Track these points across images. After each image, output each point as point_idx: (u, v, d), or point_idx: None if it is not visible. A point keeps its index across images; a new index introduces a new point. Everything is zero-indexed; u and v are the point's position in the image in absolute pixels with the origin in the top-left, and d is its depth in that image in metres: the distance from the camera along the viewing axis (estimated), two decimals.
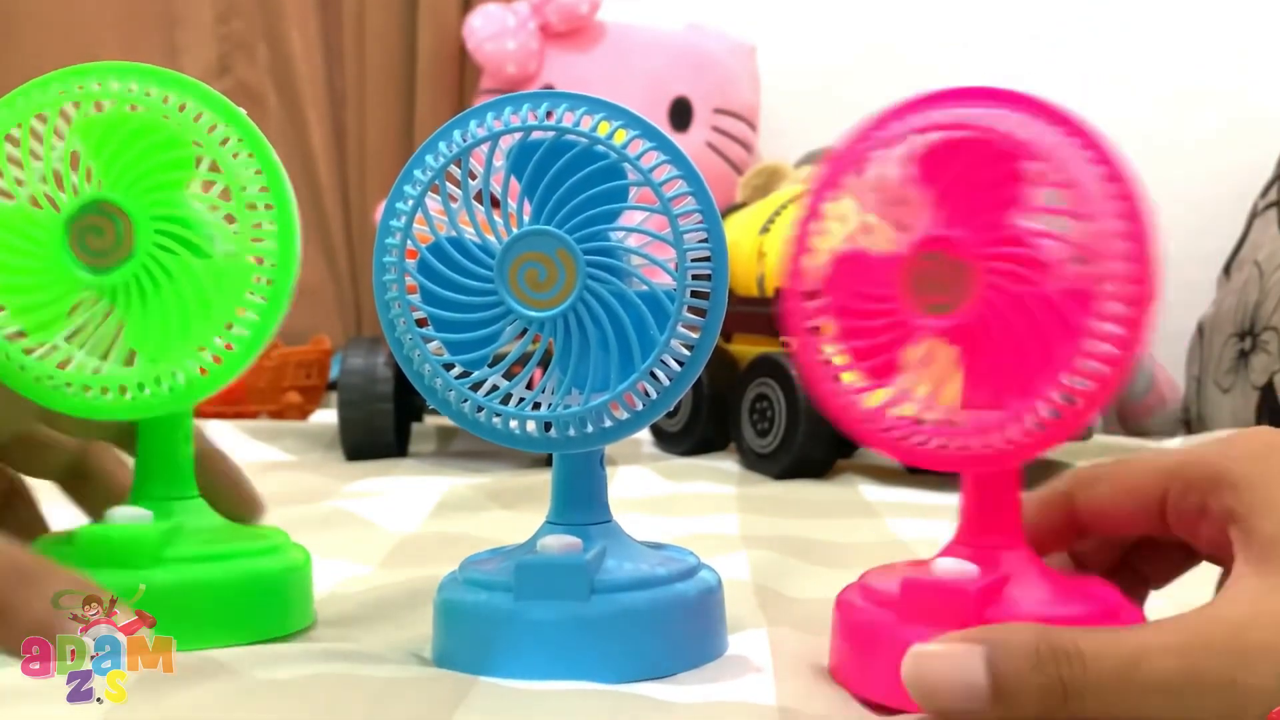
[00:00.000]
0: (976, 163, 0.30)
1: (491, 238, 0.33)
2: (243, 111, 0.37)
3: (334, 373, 1.11)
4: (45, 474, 0.41)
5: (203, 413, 1.00)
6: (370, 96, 1.49)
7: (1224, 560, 0.30)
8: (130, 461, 0.39)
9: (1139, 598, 0.35)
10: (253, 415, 1.04)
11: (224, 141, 0.36)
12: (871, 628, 0.31)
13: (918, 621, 0.30)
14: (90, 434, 0.41)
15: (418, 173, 0.34)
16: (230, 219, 0.37)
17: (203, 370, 0.36)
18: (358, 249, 1.50)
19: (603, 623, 0.33)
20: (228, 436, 0.90)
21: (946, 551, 0.32)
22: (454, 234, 0.34)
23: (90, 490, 0.41)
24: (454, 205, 0.34)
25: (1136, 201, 0.30)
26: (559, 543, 0.34)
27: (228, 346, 0.36)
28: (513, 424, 0.34)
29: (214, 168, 0.36)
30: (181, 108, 0.36)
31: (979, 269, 0.30)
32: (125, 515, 0.36)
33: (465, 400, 0.34)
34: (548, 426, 0.34)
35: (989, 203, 0.30)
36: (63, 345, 0.36)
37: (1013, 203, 0.30)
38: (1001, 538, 0.32)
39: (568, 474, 0.36)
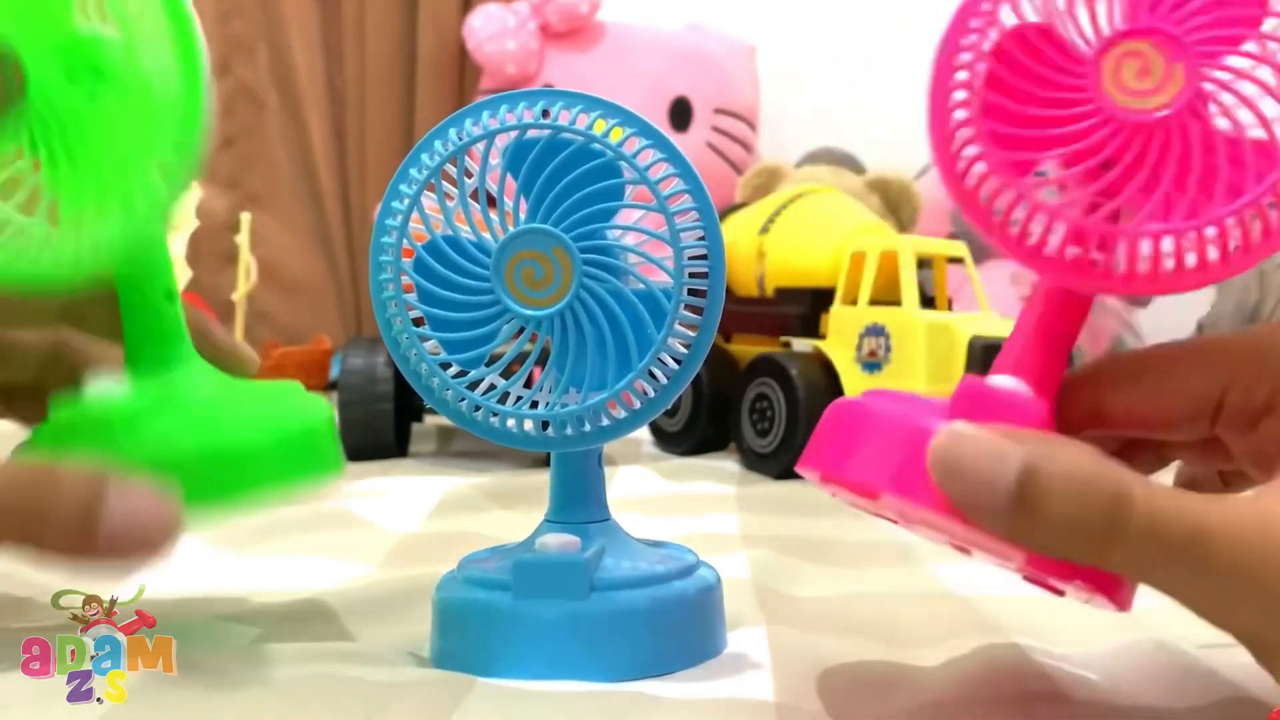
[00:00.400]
0: None
1: (488, 236, 0.33)
2: None
3: (334, 373, 1.11)
4: (12, 378, 0.37)
5: None
6: (370, 96, 1.49)
7: (1264, 456, 0.28)
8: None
9: None
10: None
11: None
12: (924, 430, 0.27)
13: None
14: (47, 319, 0.36)
15: (414, 171, 0.34)
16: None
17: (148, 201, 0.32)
18: (357, 249, 1.50)
19: (601, 621, 0.33)
20: None
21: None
22: (450, 233, 0.34)
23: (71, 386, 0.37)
24: (450, 204, 0.34)
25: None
26: (557, 541, 0.34)
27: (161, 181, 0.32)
28: (510, 423, 0.34)
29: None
30: None
31: (1192, 69, 0.27)
32: (98, 390, 0.32)
33: (463, 399, 0.34)
34: (545, 425, 0.34)
35: (1219, 16, 0.27)
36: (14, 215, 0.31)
37: (1248, 22, 0.28)
38: (1045, 378, 0.29)
39: (566, 472, 0.36)
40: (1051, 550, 0.24)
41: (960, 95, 0.29)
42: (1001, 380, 0.28)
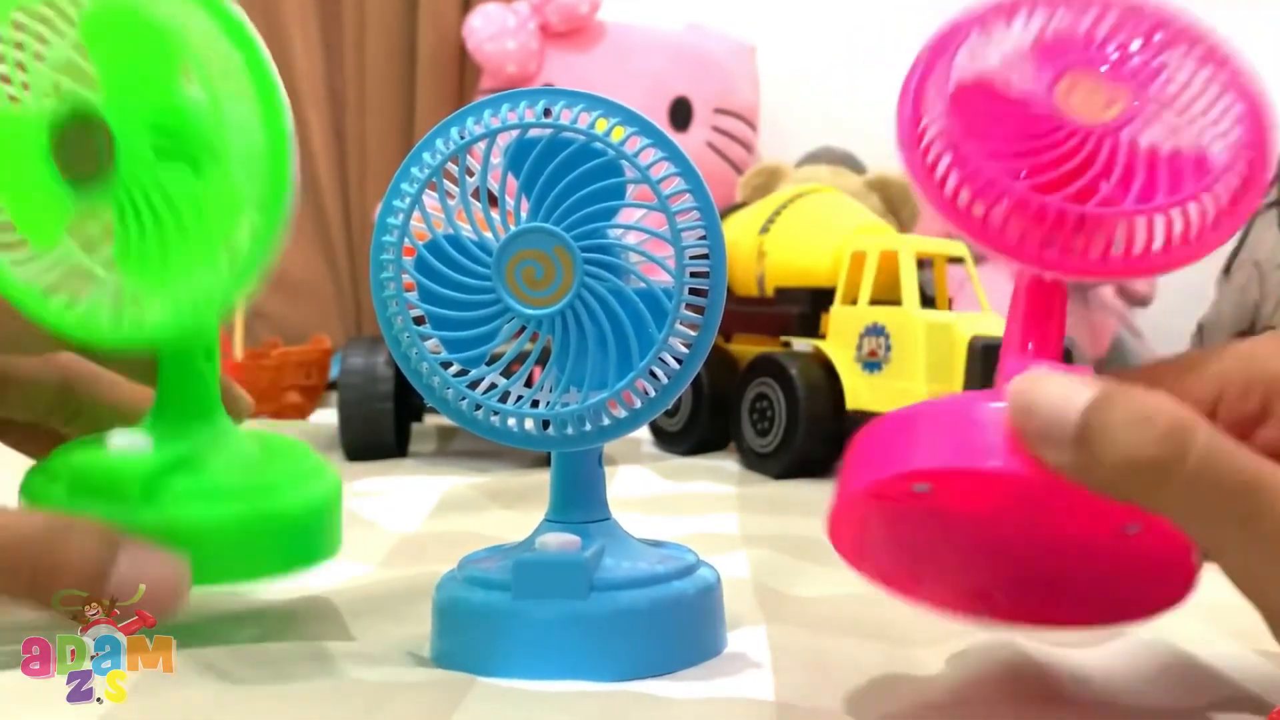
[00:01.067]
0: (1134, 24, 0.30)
1: (489, 235, 0.33)
2: (235, 8, 0.32)
3: (334, 372, 1.11)
4: (20, 414, 0.38)
5: None
6: (370, 96, 1.49)
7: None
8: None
9: None
10: (253, 414, 1.04)
11: (215, 44, 0.32)
12: (971, 409, 0.28)
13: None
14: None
15: (415, 170, 0.34)
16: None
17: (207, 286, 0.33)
18: (358, 249, 1.50)
19: (601, 621, 0.33)
20: None
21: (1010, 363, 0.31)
22: (451, 231, 0.34)
23: (81, 427, 0.38)
24: (451, 202, 0.34)
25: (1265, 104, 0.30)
26: (557, 540, 0.34)
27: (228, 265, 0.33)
28: (511, 422, 0.34)
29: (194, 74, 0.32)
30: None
31: (1133, 88, 0.30)
32: (122, 443, 0.33)
33: (463, 398, 0.34)
34: (546, 424, 0.34)
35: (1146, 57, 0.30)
36: (71, 258, 0.33)
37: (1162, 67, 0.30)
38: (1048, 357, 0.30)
39: (566, 472, 0.36)
40: (1110, 485, 0.24)
41: (928, 114, 0.31)
42: (1040, 369, 0.28)
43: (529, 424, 0.34)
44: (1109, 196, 0.29)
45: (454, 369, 0.34)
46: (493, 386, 0.34)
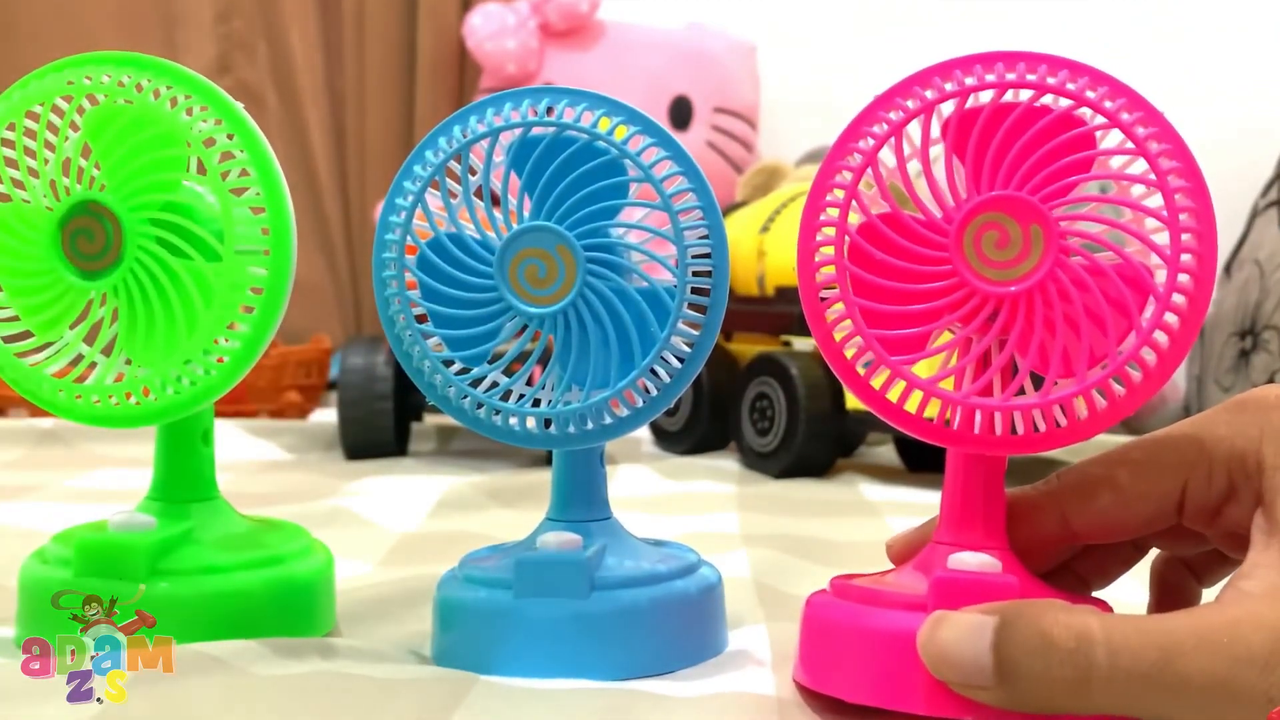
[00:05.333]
0: (1047, 125, 0.28)
1: (492, 234, 0.33)
2: (239, 106, 0.35)
3: (334, 372, 1.11)
4: None
5: None
6: (370, 96, 1.49)
7: (1239, 540, 0.28)
8: None
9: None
10: (252, 414, 1.04)
11: (214, 140, 0.34)
12: (906, 633, 0.28)
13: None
14: None
15: (418, 168, 0.34)
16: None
17: (210, 368, 0.35)
18: (357, 248, 1.50)
19: (603, 619, 0.33)
20: (228, 435, 0.90)
21: (929, 554, 0.30)
22: (454, 230, 0.34)
23: None
24: (454, 201, 0.34)
25: (1199, 179, 0.28)
26: (558, 539, 0.34)
27: (219, 360, 0.35)
28: (513, 420, 0.34)
29: (201, 169, 0.35)
30: (173, 101, 0.34)
31: (1050, 232, 0.28)
32: (126, 522, 0.35)
33: (465, 396, 0.34)
34: (548, 423, 0.34)
35: (1059, 166, 0.28)
36: (73, 346, 0.35)
37: (1084, 168, 0.28)
38: (990, 538, 0.30)
39: (567, 471, 0.36)
40: (1043, 708, 0.25)
41: (828, 271, 0.30)
42: (965, 560, 0.29)
43: (530, 422, 0.34)
44: (1012, 380, 0.29)
45: (455, 367, 0.34)
46: (494, 385, 0.34)
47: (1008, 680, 0.25)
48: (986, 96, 0.29)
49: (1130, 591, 0.33)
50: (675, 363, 0.33)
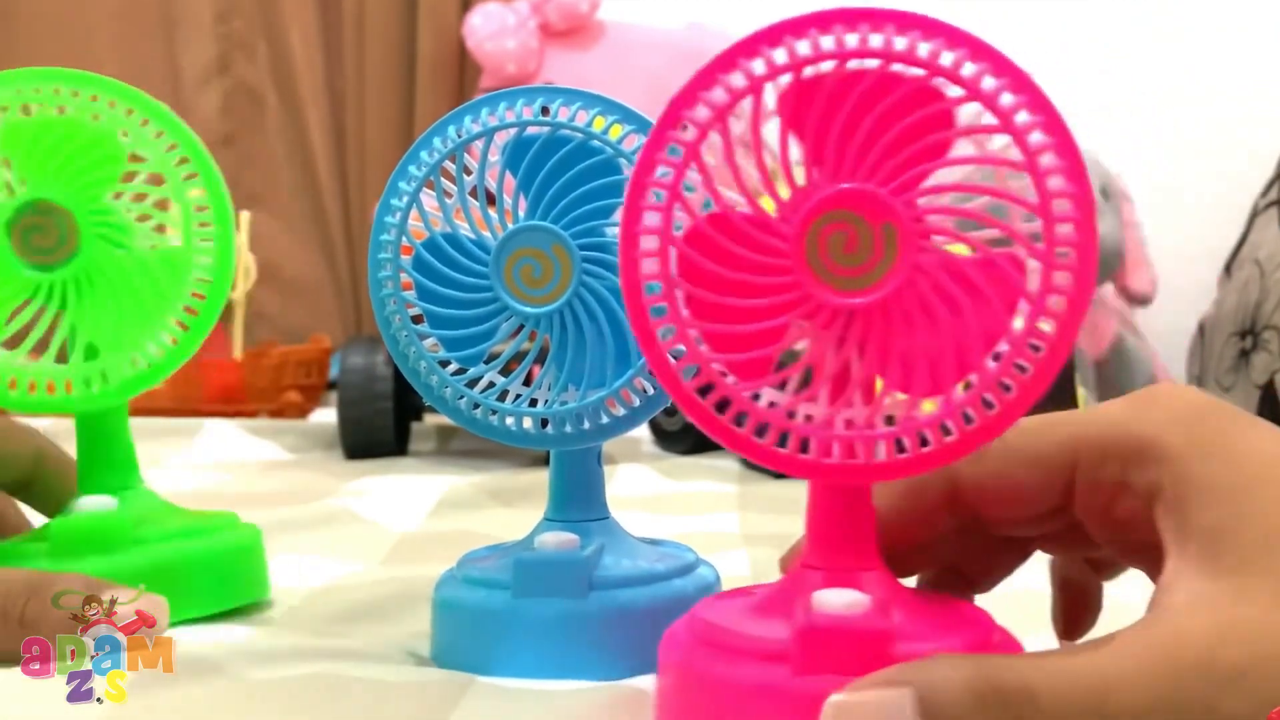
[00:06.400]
0: (896, 102, 0.24)
1: (487, 234, 0.33)
2: (164, 105, 0.38)
3: (334, 372, 1.11)
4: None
5: (202, 411, 1.01)
6: (370, 96, 1.49)
7: (1134, 540, 0.26)
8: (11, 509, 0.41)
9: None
10: (252, 414, 1.04)
11: (157, 135, 0.37)
12: (763, 691, 0.24)
13: (820, 673, 0.24)
14: None
15: (413, 168, 0.34)
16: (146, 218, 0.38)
17: (150, 360, 0.38)
18: (357, 248, 1.50)
19: (601, 619, 0.33)
20: (228, 435, 0.90)
21: (796, 578, 0.27)
22: (449, 230, 0.34)
23: (34, 497, 0.42)
24: (449, 201, 0.34)
25: (1075, 157, 0.24)
26: (556, 539, 0.34)
27: (172, 340, 0.38)
28: (509, 420, 0.34)
29: (136, 157, 0.38)
30: (111, 104, 0.37)
31: (905, 232, 0.24)
32: (93, 504, 0.37)
33: (461, 397, 0.34)
34: (545, 423, 0.34)
35: (913, 152, 0.24)
36: (2, 351, 0.37)
37: (940, 151, 0.24)
38: (858, 558, 0.26)
39: (565, 471, 0.36)
40: None
41: (655, 288, 0.25)
42: (830, 600, 0.25)
43: (527, 422, 0.34)
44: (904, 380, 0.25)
45: (452, 367, 0.34)
46: (491, 385, 0.34)
47: None
48: (828, 67, 0.24)
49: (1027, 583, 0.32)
50: None
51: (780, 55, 0.24)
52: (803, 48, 0.24)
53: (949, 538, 0.29)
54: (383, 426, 0.84)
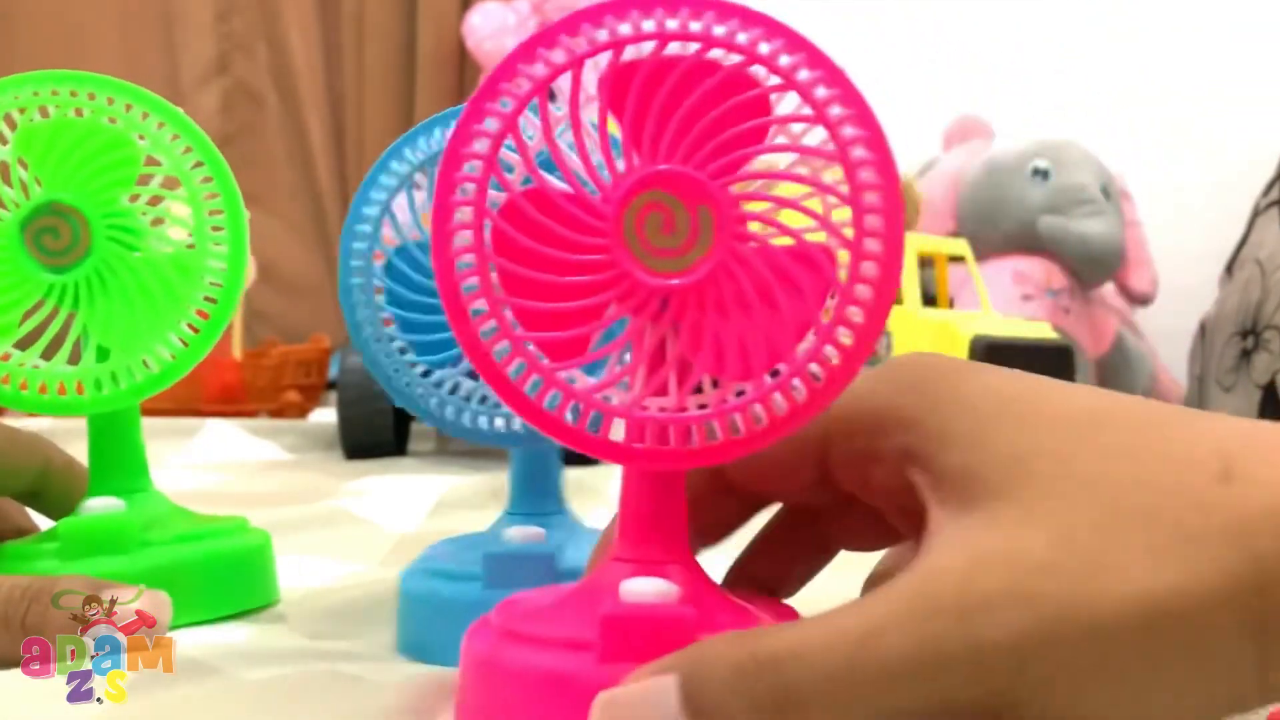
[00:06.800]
0: (714, 86, 0.24)
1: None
2: (180, 110, 0.38)
3: (333, 371, 1.11)
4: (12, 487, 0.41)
5: (203, 411, 1.01)
6: (370, 96, 1.49)
7: (900, 506, 0.26)
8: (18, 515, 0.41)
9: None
10: (252, 414, 1.04)
11: (172, 138, 0.37)
12: (567, 678, 0.24)
13: (624, 661, 0.23)
14: None
15: (383, 178, 0.35)
16: (159, 220, 0.38)
17: (161, 363, 0.38)
18: None
19: None
20: (228, 435, 0.90)
21: (606, 571, 0.26)
22: (419, 237, 0.35)
23: (44, 505, 0.42)
24: (418, 207, 0.35)
25: (885, 151, 0.24)
26: (522, 533, 0.35)
27: (182, 342, 0.37)
28: (481, 421, 0.36)
29: (150, 160, 0.38)
30: (127, 108, 0.37)
31: (721, 215, 0.24)
32: (102, 505, 0.37)
33: (433, 399, 0.36)
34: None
35: (730, 136, 0.24)
36: (14, 352, 0.37)
37: (756, 138, 0.24)
38: (668, 550, 0.26)
39: (524, 467, 0.37)
40: None
41: (468, 261, 0.25)
42: (637, 589, 0.25)
43: (499, 422, 0.36)
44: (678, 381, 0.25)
45: (420, 369, 0.36)
46: (458, 387, 0.36)
47: None
48: (648, 49, 0.24)
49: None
50: None
51: (601, 34, 0.24)
52: (624, 28, 0.24)
53: (727, 514, 0.29)
54: (382, 426, 0.84)
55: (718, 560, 0.29)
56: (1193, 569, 0.21)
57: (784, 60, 0.24)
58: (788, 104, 0.24)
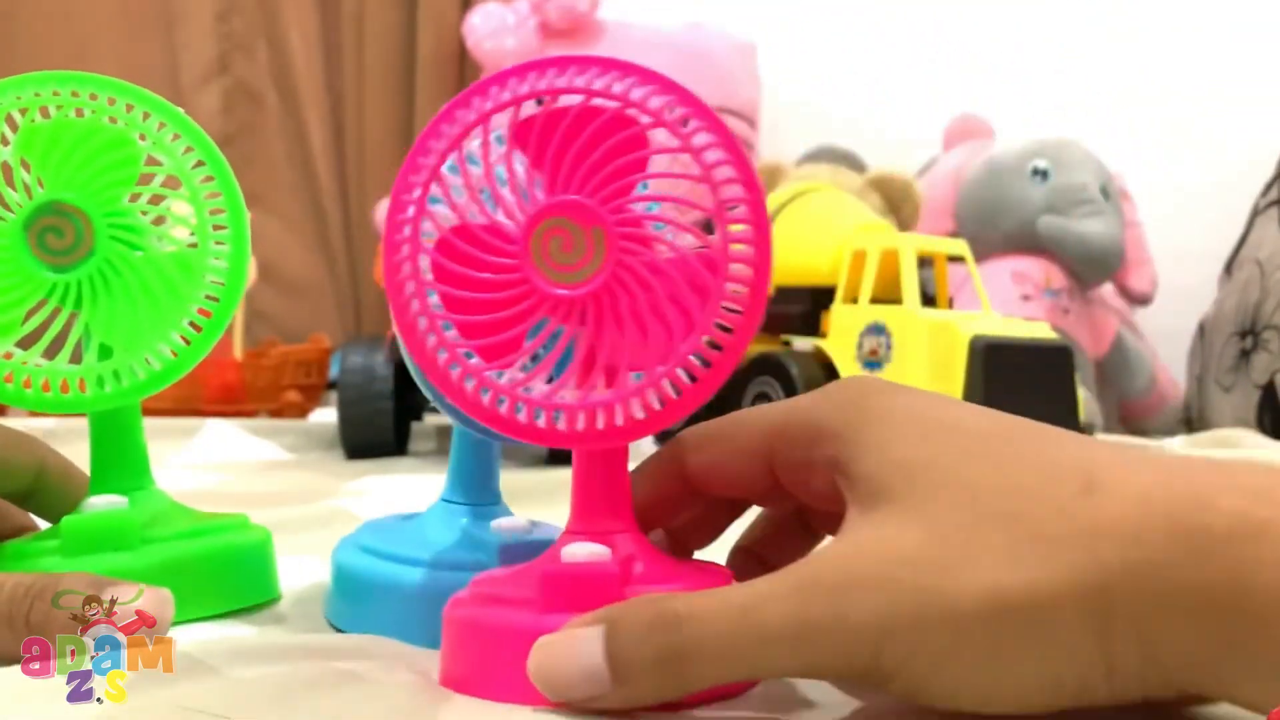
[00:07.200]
0: (600, 128, 0.29)
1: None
2: (180, 110, 0.38)
3: (333, 371, 1.11)
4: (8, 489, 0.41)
5: (204, 411, 1.01)
6: (370, 96, 1.49)
7: (834, 511, 0.29)
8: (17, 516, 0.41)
9: None
10: (252, 413, 1.04)
11: (173, 138, 0.37)
12: (509, 628, 0.29)
13: (560, 611, 0.28)
14: None
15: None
16: (161, 220, 0.38)
17: (163, 361, 0.37)
18: (357, 248, 1.50)
19: None
20: (228, 434, 0.90)
21: (558, 542, 0.31)
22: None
23: (38, 506, 0.41)
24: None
25: (749, 171, 0.29)
26: (512, 525, 0.37)
27: (184, 340, 0.37)
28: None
29: (152, 160, 0.38)
30: (128, 108, 0.37)
31: (610, 234, 0.29)
32: (104, 503, 0.37)
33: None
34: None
35: (614, 168, 0.29)
36: (16, 350, 0.37)
37: (637, 168, 0.29)
38: (614, 521, 0.31)
39: (463, 455, 0.38)
40: (659, 697, 0.27)
41: (410, 287, 0.30)
42: (574, 550, 0.30)
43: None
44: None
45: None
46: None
47: (621, 677, 0.26)
48: (545, 104, 0.30)
49: None
50: None
51: (505, 95, 0.29)
52: (522, 87, 0.29)
53: (714, 513, 0.34)
54: (383, 426, 0.84)
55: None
56: (1046, 567, 0.24)
57: (654, 102, 0.29)
58: (664, 137, 0.29)
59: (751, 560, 0.34)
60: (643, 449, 0.38)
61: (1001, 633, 0.24)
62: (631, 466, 0.32)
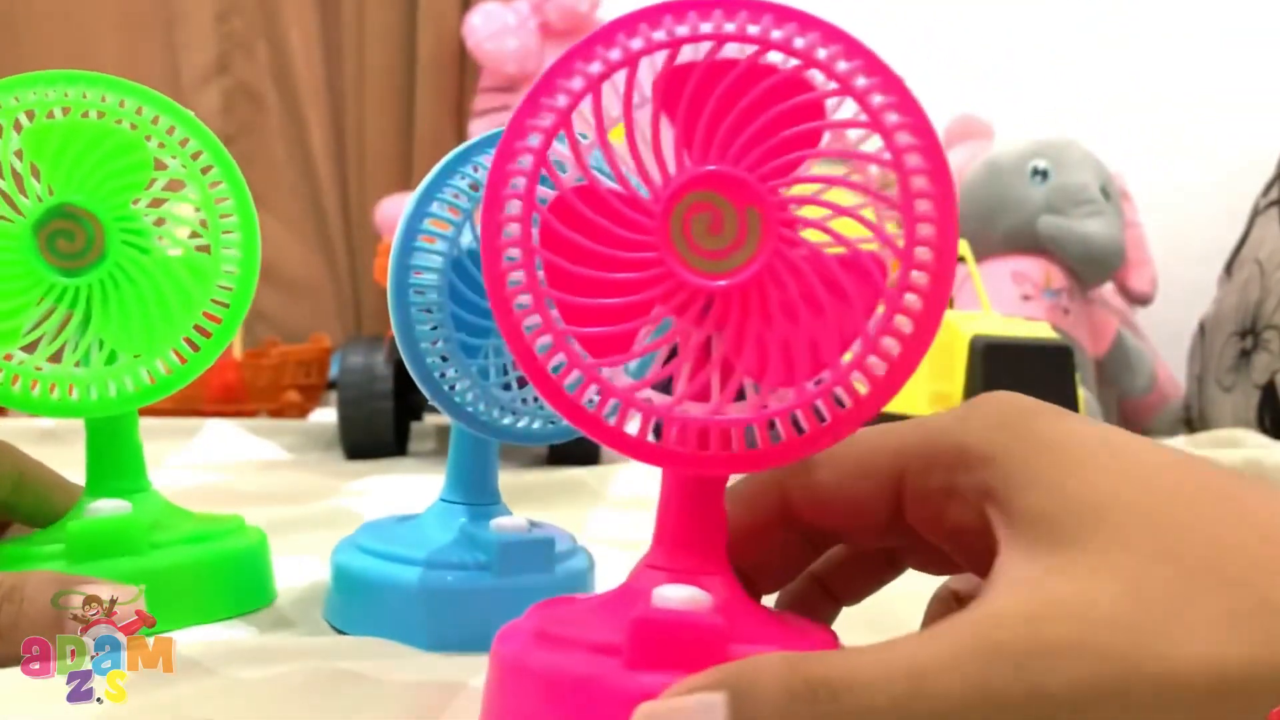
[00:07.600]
0: (767, 90, 0.24)
1: None
2: (191, 113, 0.37)
3: (333, 371, 1.11)
4: None
5: (204, 410, 1.01)
6: (370, 96, 1.49)
7: (971, 547, 0.26)
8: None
9: (828, 618, 0.30)
10: (252, 413, 1.04)
11: (183, 143, 0.37)
12: (591, 682, 0.23)
13: (654, 669, 0.23)
14: None
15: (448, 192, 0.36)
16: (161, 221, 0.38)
17: (171, 366, 0.37)
18: (357, 248, 1.50)
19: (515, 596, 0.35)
20: (228, 434, 0.90)
21: (639, 576, 0.26)
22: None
23: (20, 516, 0.41)
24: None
25: (940, 159, 0.24)
26: (512, 523, 0.37)
27: (193, 346, 0.37)
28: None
29: (162, 163, 0.37)
30: (139, 110, 0.37)
31: (769, 217, 0.24)
32: (108, 507, 0.37)
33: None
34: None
35: (781, 138, 0.24)
36: (22, 355, 0.37)
37: (808, 142, 0.24)
38: (706, 560, 0.26)
39: (462, 456, 0.39)
40: None
41: (514, 254, 0.24)
42: (669, 595, 0.24)
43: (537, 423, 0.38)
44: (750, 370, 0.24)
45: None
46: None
47: None
48: (704, 50, 0.24)
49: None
50: None
51: (659, 34, 0.24)
52: (681, 29, 0.24)
53: (794, 553, 0.29)
54: (383, 426, 0.84)
55: None
56: (1272, 644, 0.21)
57: (841, 65, 0.23)
58: (844, 110, 0.23)
59: (816, 589, 0.30)
60: None
61: (1215, 711, 0.21)
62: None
